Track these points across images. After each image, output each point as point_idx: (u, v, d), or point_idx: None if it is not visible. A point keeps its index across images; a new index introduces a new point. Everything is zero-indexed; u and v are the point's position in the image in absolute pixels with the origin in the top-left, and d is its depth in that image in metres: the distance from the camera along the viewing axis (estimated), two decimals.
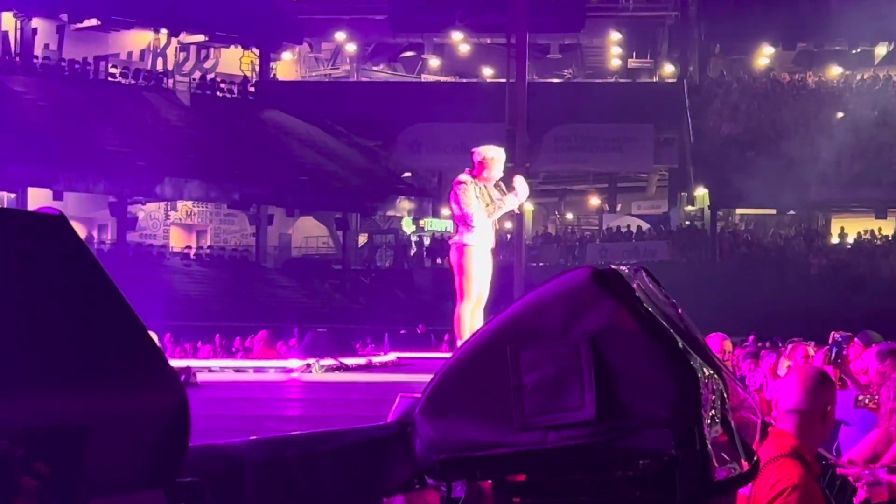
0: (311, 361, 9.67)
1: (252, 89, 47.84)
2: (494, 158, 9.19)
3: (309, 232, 48.09)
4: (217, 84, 47.04)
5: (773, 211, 43.48)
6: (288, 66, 52.18)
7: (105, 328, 2.20)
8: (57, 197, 37.76)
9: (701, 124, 44.35)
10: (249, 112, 45.78)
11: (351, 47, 50.87)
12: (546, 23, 42.33)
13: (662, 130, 46.13)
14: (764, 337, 20.87)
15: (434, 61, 51.10)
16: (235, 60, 48.81)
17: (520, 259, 25.30)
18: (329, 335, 13.70)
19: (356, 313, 34.59)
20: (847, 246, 41.35)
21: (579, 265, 4.52)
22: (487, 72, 49.61)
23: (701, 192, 43.51)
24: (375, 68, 52.95)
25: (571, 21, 47.08)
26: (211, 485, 2.37)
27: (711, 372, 3.05)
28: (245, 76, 48.28)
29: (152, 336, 2.39)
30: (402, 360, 12.97)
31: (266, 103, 46.55)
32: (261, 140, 43.24)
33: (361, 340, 23.42)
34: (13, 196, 39.31)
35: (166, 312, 21.71)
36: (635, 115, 44.27)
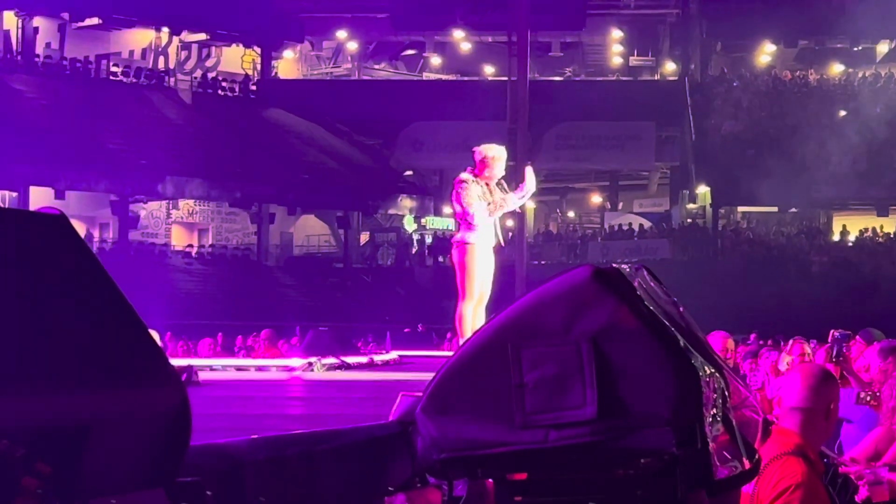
0: (313, 360, 9.68)
1: (254, 88, 47.87)
2: (496, 157, 9.17)
3: (310, 230, 48.08)
4: (219, 83, 47.05)
5: (775, 209, 43.41)
6: (289, 65, 52.16)
7: (106, 327, 2.20)
8: (59, 196, 37.74)
9: (702, 122, 44.31)
10: (251, 111, 45.80)
11: (352, 46, 50.84)
12: (547, 21, 42.33)
13: (664, 128, 46.11)
14: (765, 335, 20.82)
15: (435, 60, 51.06)
16: (237, 59, 48.80)
17: (521, 257, 25.31)
18: (331, 334, 13.70)
19: (358, 312, 34.53)
20: (849, 244, 41.31)
21: (581, 263, 4.52)
22: (489, 70, 49.56)
23: (702, 190, 43.47)
24: (377, 67, 52.91)
25: (572, 19, 47.05)
26: (212, 484, 2.36)
27: (713, 370, 3.05)
28: (247, 75, 48.28)
29: (153, 335, 2.39)
30: (404, 359, 13.01)
31: (268, 102, 46.58)
32: (262, 138, 43.23)
33: (363, 339, 23.45)
34: (15, 195, 39.26)
35: (168, 311, 21.66)
36: (637, 113, 44.25)
